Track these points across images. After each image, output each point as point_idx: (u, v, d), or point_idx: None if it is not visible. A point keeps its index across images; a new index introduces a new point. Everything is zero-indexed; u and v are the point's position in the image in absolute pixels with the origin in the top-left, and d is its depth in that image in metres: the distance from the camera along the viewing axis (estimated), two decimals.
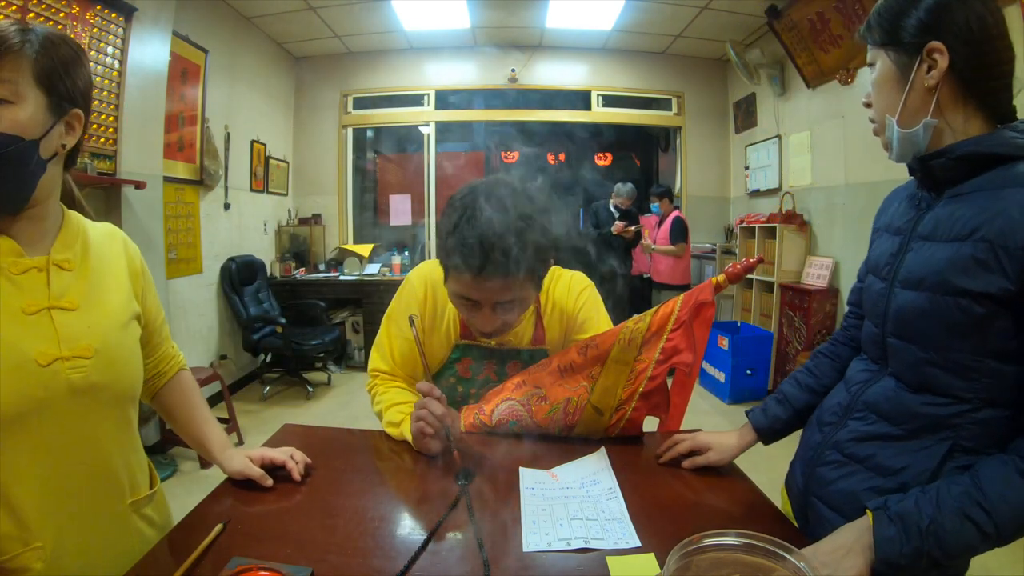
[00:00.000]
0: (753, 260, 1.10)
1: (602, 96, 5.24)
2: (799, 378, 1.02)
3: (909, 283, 0.76)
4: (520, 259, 0.89)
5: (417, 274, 1.18)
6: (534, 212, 0.92)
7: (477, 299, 0.95)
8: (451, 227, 0.91)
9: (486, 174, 4.52)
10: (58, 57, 0.71)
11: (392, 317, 1.18)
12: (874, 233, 0.90)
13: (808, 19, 3.64)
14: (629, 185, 4.68)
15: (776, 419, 1.01)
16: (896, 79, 0.76)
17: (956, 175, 0.75)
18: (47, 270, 0.73)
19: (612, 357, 1.07)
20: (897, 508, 0.69)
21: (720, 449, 1.00)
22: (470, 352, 1.15)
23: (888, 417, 0.79)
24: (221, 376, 3.22)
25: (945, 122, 0.74)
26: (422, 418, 0.97)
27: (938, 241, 0.74)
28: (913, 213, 0.81)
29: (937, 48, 0.71)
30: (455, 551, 0.74)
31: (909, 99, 0.75)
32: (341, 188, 5.29)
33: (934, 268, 0.73)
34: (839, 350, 1.00)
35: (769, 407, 1.03)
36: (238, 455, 0.93)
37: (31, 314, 0.70)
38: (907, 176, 0.87)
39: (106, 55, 2.69)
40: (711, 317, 1.09)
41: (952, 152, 0.73)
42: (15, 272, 0.70)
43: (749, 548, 0.61)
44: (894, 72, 0.76)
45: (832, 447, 0.85)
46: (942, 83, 0.72)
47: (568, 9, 4.34)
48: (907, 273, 0.77)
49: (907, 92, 0.75)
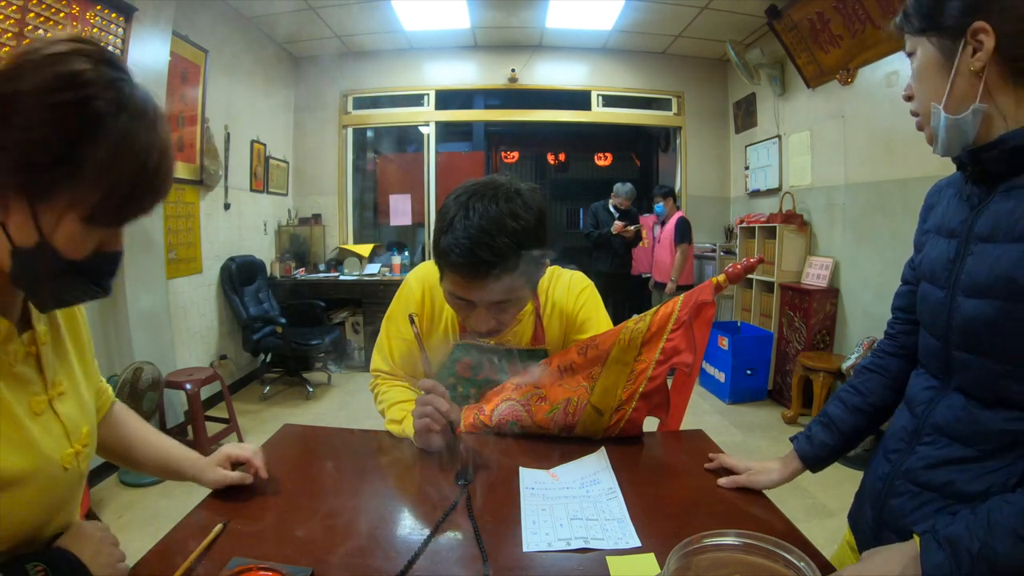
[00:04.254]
0: (753, 260, 1.10)
1: (602, 96, 5.24)
2: (844, 398, 0.94)
3: (974, 291, 0.70)
4: (513, 260, 0.89)
5: (415, 275, 1.19)
6: (528, 213, 0.92)
7: (471, 299, 0.94)
8: (445, 227, 0.91)
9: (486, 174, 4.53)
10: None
11: (391, 318, 1.19)
12: (923, 235, 0.84)
13: (808, 19, 3.63)
14: (628, 185, 4.68)
15: (823, 446, 0.94)
16: (940, 65, 0.70)
17: (1011, 167, 0.69)
18: (36, 349, 0.66)
19: (612, 357, 1.07)
20: (946, 532, 0.64)
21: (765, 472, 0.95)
22: (469, 352, 1.15)
23: (961, 439, 0.72)
24: (221, 376, 3.22)
25: (995, 107, 0.68)
26: (427, 414, 0.97)
27: (1001, 242, 0.68)
28: (967, 212, 0.74)
29: (982, 28, 0.65)
30: (455, 551, 0.74)
31: (955, 85, 0.69)
32: (341, 188, 5.29)
33: (1001, 273, 0.67)
34: (887, 363, 0.92)
35: (814, 433, 0.95)
36: (209, 467, 0.88)
37: (39, 414, 0.64)
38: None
39: None
40: (711, 317, 1.09)
41: (1005, 143, 0.67)
42: (13, 364, 0.63)
43: (749, 548, 0.61)
44: (937, 58, 0.70)
45: (903, 476, 0.78)
46: (989, 65, 0.67)
47: (568, 9, 4.33)
48: (970, 280, 0.71)
49: (953, 77, 0.69)
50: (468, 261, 0.87)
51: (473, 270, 0.88)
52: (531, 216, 0.92)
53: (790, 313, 3.85)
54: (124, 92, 0.57)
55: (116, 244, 0.63)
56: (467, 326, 1.05)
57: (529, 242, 0.90)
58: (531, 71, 5.14)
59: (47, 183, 0.54)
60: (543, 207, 0.95)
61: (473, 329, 1.02)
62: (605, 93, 5.24)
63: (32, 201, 0.55)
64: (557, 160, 8.61)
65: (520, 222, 0.90)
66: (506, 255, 0.88)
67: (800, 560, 0.59)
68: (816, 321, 3.64)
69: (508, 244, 0.87)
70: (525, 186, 0.96)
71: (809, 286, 3.77)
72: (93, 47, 0.57)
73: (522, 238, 0.89)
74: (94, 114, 0.54)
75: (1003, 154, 0.68)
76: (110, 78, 0.56)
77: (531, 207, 0.93)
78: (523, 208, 0.91)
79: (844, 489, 2.85)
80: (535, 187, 0.97)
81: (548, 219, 0.97)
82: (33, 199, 0.55)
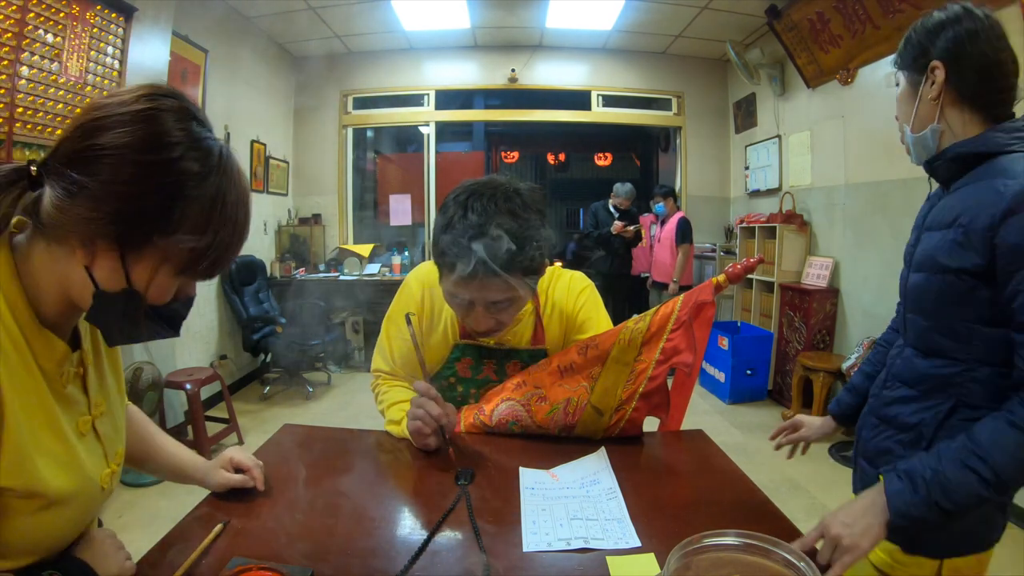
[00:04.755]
0: (753, 260, 1.10)
1: (602, 96, 5.24)
2: (863, 368, 1.18)
3: (917, 267, 0.93)
4: (512, 260, 0.89)
5: (414, 276, 1.20)
6: (527, 213, 0.92)
7: (470, 299, 0.95)
8: (443, 227, 0.92)
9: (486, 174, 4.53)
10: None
11: (391, 319, 1.20)
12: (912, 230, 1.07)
13: (808, 19, 3.63)
14: (628, 185, 4.68)
15: (847, 406, 1.17)
16: (910, 94, 0.93)
17: (953, 173, 0.90)
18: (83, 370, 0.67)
19: (612, 357, 1.07)
20: (904, 466, 0.81)
21: (809, 426, 1.18)
22: (469, 352, 1.15)
23: (907, 382, 0.94)
24: (221, 376, 3.22)
25: (948, 126, 0.89)
26: (419, 417, 0.98)
27: (934, 230, 0.91)
28: (927, 208, 0.98)
29: (936, 65, 0.87)
30: (455, 551, 0.74)
31: (919, 109, 0.91)
32: (341, 188, 5.29)
33: (930, 253, 0.90)
34: (890, 336, 1.15)
35: (841, 398, 1.20)
36: (213, 469, 0.89)
37: (84, 435, 0.65)
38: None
39: (106, 55, 2.69)
40: (711, 317, 1.09)
41: (945, 154, 0.89)
42: (65, 384, 0.63)
43: (749, 548, 0.61)
44: (908, 89, 0.93)
45: (871, 414, 1.02)
46: (944, 94, 0.88)
47: (568, 9, 4.33)
48: (917, 260, 0.94)
49: (917, 104, 0.91)
50: (468, 259, 0.88)
51: (472, 269, 0.88)
52: (530, 216, 0.92)
53: (790, 313, 3.85)
54: (213, 151, 0.59)
55: (193, 289, 0.66)
56: (467, 325, 1.05)
57: (528, 242, 0.90)
58: (531, 71, 5.14)
59: (138, 237, 0.56)
60: (542, 207, 0.96)
61: (473, 328, 1.03)
62: (605, 93, 5.24)
63: (122, 251, 0.56)
64: (557, 160, 8.62)
65: (519, 222, 0.90)
66: (505, 255, 0.88)
67: (800, 560, 0.59)
68: (816, 321, 3.64)
69: (507, 244, 0.88)
70: (524, 186, 0.97)
71: (809, 286, 3.77)
72: (177, 102, 0.59)
73: (521, 238, 0.90)
74: (187, 175, 0.56)
75: (946, 162, 0.90)
76: (198, 136, 0.58)
77: (530, 207, 0.93)
78: (522, 208, 0.92)
79: (844, 489, 2.84)
80: (534, 187, 0.98)
81: (547, 219, 0.98)
82: (123, 249, 0.56)
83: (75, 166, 0.54)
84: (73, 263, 0.57)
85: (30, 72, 2.30)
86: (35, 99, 2.34)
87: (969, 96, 0.87)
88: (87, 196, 0.54)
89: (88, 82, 2.59)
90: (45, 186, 0.56)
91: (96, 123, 0.55)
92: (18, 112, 2.26)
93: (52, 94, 2.41)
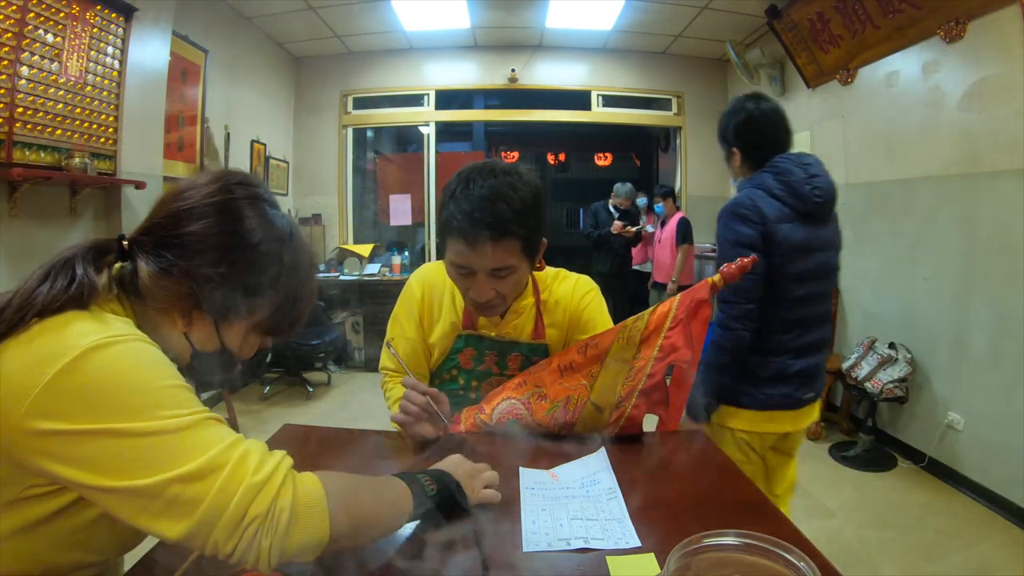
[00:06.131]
0: (747, 260, 1.09)
1: (602, 96, 5.24)
2: None
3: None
4: (511, 226, 0.96)
5: (416, 277, 1.26)
6: (525, 187, 1.00)
7: (471, 265, 1.00)
8: (448, 197, 1.00)
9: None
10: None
11: (396, 319, 1.25)
12: None
13: (808, 19, 3.63)
14: (628, 185, 4.68)
15: None
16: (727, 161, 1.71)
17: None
18: None
19: (611, 355, 1.07)
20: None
21: None
22: (472, 342, 1.19)
23: None
24: None
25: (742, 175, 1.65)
26: (404, 408, 1.03)
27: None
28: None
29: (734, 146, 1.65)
30: (455, 551, 0.74)
31: (732, 168, 1.70)
32: (341, 188, 5.29)
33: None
34: None
35: None
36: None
37: None
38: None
39: (106, 55, 2.69)
40: (708, 317, 1.09)
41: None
42: None
43: (749, 548, 0.61)
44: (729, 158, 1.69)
45: None
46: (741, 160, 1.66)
47: (568, 9, 4.34)
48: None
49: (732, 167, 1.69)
50: (469, 223, 0.96)
51: (474, 234, 0.96)
52: (528, 190, 1.01)
53: None
54: (284, 231, 0.69)
55: (270, 342, 0.77)
56: (467, 300, 1.09)
57: (526, 211, 0.99)
58: (531, 71, 5.14)
59: (230, 308, 0.66)
60: (539, 185, 1.04)
61: (474, 301, 1.06)
62: (605, 93, 5.24)
63: (216, 320, 0.67)
64: (557, 160, 8.62)
65: (518, 192, 0.99)
66: (505, 220, 0.96)
67: (800, 560, 0.58)
68: None
69: (507, 210, 0.96)
70: (523, 168, 1.05)
71: None
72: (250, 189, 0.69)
73: (519, 207, 0.98)
74: (266, 255, 0.67)
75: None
76: (272, 220, 0.68)
77: (528, 183, 1.01)
78: (520, 182, 1.01)
79: (844, 489, 2.85)
80: (532, 168, 1.07)
81: (544, 197, 1.06)
82: (216, 318, 0.67)
83: (168, 248, 0.63)
84: (172, 328, 0.66)
85: (30, 72, 2.30)
86: (35, 99, 2.34)
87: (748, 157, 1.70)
88: (182, 274, 0.63)
89: (88, 82, 2.59)
90: (138, 260, 0.64)
91: (183, 212, 0.64)
92: (18, 112, 2.26)
93: (52, 94, 2.41)
